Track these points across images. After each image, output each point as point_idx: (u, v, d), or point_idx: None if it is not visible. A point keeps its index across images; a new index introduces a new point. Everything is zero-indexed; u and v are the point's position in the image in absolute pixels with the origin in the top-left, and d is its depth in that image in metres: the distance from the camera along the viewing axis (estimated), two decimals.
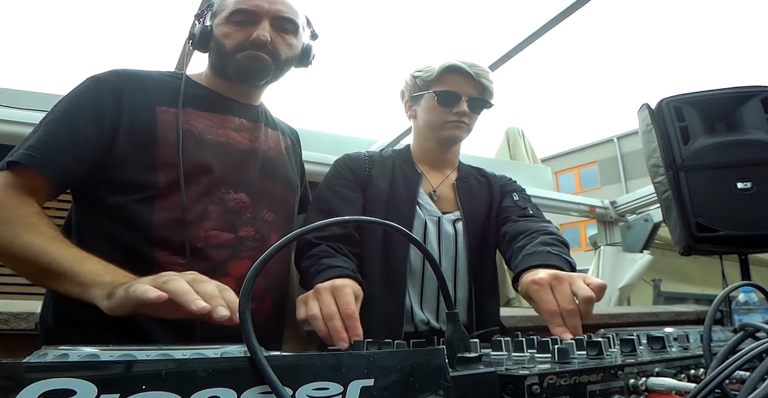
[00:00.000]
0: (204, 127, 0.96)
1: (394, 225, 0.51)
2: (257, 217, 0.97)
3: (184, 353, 0.39)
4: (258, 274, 0.41)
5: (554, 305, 0.72)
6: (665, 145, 1.78)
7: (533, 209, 1.18)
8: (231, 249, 0.92)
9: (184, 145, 0.90)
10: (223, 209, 0.93)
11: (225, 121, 1.00)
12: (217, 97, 1.02)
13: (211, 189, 0.93)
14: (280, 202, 1.04)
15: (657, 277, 3.63)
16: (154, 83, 0.96)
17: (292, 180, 1.11)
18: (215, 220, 0.92)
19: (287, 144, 1.14)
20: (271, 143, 1.07)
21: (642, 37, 20.14)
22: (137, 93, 0.92)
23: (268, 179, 1.02)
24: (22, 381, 0.28)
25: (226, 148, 0.97)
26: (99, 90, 0.91)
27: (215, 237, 0.91)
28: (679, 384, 0.47)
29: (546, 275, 0.75)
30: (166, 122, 0.92)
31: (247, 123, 1.03)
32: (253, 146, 1.02)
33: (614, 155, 14.82)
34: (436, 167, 1.25)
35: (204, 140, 0.94)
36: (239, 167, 0.98)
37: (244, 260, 0.93)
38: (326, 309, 0.76)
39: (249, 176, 0.99)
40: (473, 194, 1.22)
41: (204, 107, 0.98)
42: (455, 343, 0.49)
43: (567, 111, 23.90)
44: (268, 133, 1.08)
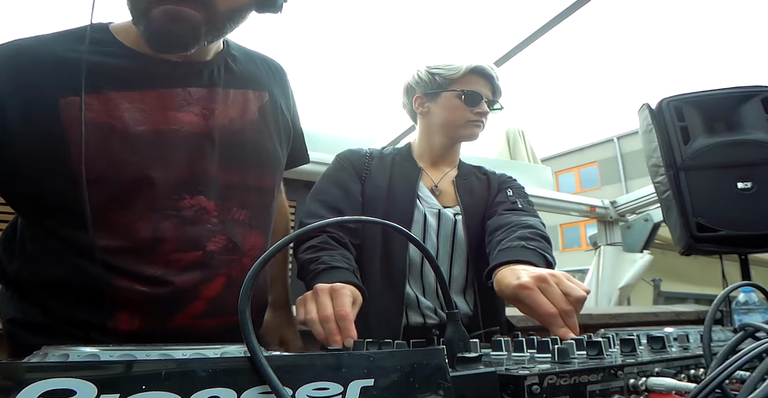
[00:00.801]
0: (133, 115, 0.69)
1: (393, 225, 0.51)
2: (226, 220, 0.77)
3: (184, 353, 0.39)
4: (258, 274, 0.41)
5: (551, 307, 0.72)
6: (665, 145, 1.78)
7: (523, 204, 1.17)
8: (201, 271, 0.75)
9: (106, 145, 0.66)
10: (179, 223, 0.72)
11: (164, 98, 0.72)
12: (149, 65, 0.72)
13: (159, 200, 0.71)
14: (254, 192, 0.82)
15: (657, 277, 3.64)
16: (56, 61, 0.68)
17: (270, 156, 0.85)
18: (173, 240, 0.72)
19: (263, 102, 0.84)
20: (233, 113, 0.79)
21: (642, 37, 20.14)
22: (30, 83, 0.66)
23: (235, 165, 0.78)
24: (22, 381, 0.28)
25: (169, 138, 0.71)
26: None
27: (177, 261, 0.72)
28: (679, 384, 0.47)
29: (530, 279, 0.74)
30: (77, 118, 0.65)
31: (196, 93, 0.75)
32: (207, 125, 0.75)
33: (614, 155, 14.82)
34: (436, 165, 1.26)
35: (135, 133, 0.69)
36: (191, 160, 0.74)
37: (219, 278, 0.77)
38: (322, 312, 0.76)
39: (206, 170, 0.75)
40: (473, 191, 1.23)
41: (131, 84, 0.70)
42: (455, 343, 0.49)
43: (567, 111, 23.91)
44: (229, 98, 0.79)
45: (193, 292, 0.75)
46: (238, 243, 0.79)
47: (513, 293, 0.77)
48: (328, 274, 0.92)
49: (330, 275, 0.91)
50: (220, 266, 0.77)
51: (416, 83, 1.22)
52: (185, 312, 0.75)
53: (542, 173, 3.59)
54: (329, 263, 0.96)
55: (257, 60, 0.89)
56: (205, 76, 0.77)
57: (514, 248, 0.93)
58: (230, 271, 0.79)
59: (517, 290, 0.75)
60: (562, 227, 13.53)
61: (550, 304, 0.72)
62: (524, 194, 1.25)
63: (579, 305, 0.73)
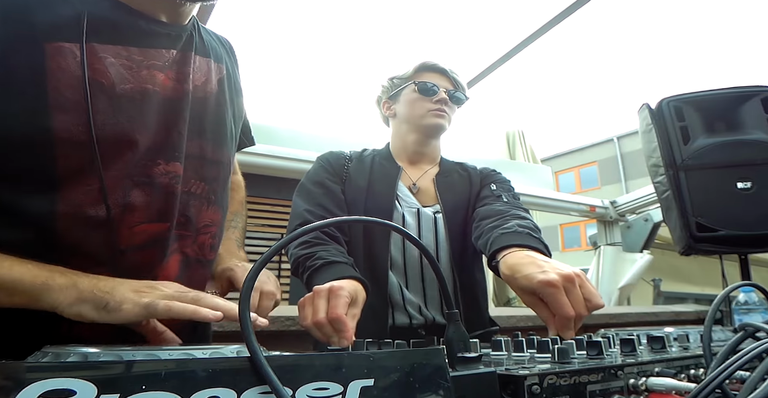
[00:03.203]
0: (119, 69, 0.64)
1: (393, 225, 0.51)
2: (183, 191, 0.72)
3: (170, 353, 0.39)
4: (257, 274, 0.41)
5: (572, 310, 0.71)
6: (665, 145, 1.78)
7: (509, 198, 1.17)
8: (161, 245, 0.69)
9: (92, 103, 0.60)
10: (152, 190, 0.67)
11: (150, 56, 0.68)
12: (139, 20, 0.67)
13: (135, 165, 0.66)
14: (213, 164, 0.77)
15: (657, 277, 3.64)
16: (40, 3, 0.61)
17: (227, 130, 0.81)
18: (142, 208, 0.66)
19: (222, 74, 0.81)
20: (198, 80, 0.75)
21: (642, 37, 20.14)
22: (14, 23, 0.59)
23: (197, 135, 0.74)
24: (22, 381, 0.28)
25: (152, 99, 0.67)
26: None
27: (142, 233, 0.66)
28: (679, 384, 0.47)
29: (558, 276, 0.73)
30: (60, 68, 0.59)
31: (175, 56, 0.71)
32: (182, 88, 0.71)
33: (614, 155, 14.82)
34: (415, 162, 1.27)
35: (121, 88, 0.64)
36: (170, 124, 0.69)
37: (173, 255, 0.71)
38: (315, 317, 0.77)
39: (181, 135, 0.70)
40: (454, 188, 1.22)
41: (118, 38, 0.65)
42: (455, 343, 0.49)
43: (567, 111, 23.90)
44: (197, 64, 0.76)
45: (151, 271, 0.69)
46: (191, 218, 0.73)
47: (534, 287, 0.75)
48: (328, 269, 0.92)
49: (329, 271, 0.91)
50: (176, 241, 0.72)
51: (382, 92, 1.31)
52: None
53: (542, 173, 3.60)
54: (326, 258, 0.96)
55: (212, 33, 0.86)
56: (183, 39, 0.73)
57: (520, 233, 0.92)
58: (183, 248, 0.73)
59: (543, 286, 0.73)
60: (562, 227, 13.53)
61: (571, 307, 0.71)
62: (509, 187, 1.24)
63: (593, 312, 0.74)
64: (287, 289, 3.35)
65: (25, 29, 0.59)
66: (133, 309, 0.55)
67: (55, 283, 0.56)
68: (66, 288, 0.55)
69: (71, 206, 0.61)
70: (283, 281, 3.53)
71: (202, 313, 0.55)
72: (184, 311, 0.54)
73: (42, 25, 0.60)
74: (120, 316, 0.55)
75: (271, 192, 2.54)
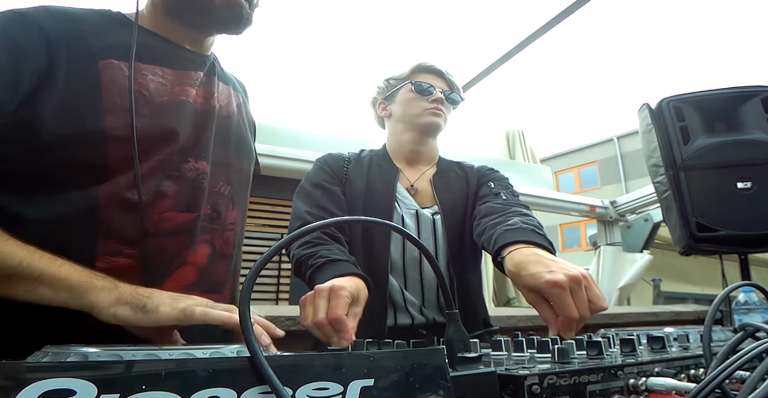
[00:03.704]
0: (157, 85, 0.78)
1: (394, 225, 0.51)
2: (213, 191, 0.83)
3: (170, 353, 0.39)
4: (257, 274, 0.41)
5: (575, 312, 0.70)
6: (665, 145, 1.78)
7: (508, 195, 1.16)
8: (189, 234, 0.78)
9: (136, 109, 0.73)
10: (181, 182, 0.77)
11: (181, 76, 0.82)
12: (171, 47, 0.83)
13: (169, 160, 0.77)
14: (235, 172, 0.89)
15: (657, 277, 3.64)
16: (94, 28, 0.76)
17: (248, 144, 0.96)
18: (172, 197, 0.76)
19: (239, 101, 0.96)
20: (223, 101, 0.90)
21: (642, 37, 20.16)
22: (75, 41, 0.72)
23: (222, 145, 0.87)
24: (22, 381, 0.28)
25: (185, 108, 0.80)
26: (23, 30, 0.69)
27: (171, 220, 0.76)
28: (679, 384, 0.47)
29: (565, 277, 0.72)
30: (112, 81, 0.73)
31: (203, 77, 0.86)
32: (209, 104, 0.85)
33: (614, 155, 14.81)
34: (412, 163, 1.27)
35: (159, 100, 0.77)
36: (199, 130, 0.82)
37: (202, 245, 0.80)
38: (315, 317, 0.77)
39: (209, 141, 0.83)
40: (451, 188, 1.22)
41: (155, 60, 0.79)
42: (455, 343, 0.49)
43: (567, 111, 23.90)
44: (220, 88, 0.90)
45: (180, 257, 0.77)
46: (221, 214, 0.84)
47: (540, 286, 0.74)
48: (330, 267, 0.92)
49: (331, 269, 0.91)
50: (204, 232, 0.80)
51: (377, 93, 1.32)
52: (173, 279, 0.76)
53: (542, 173, 3.60)
54: (328, 256, 0.96)
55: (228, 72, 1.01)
56: (207, 66, 0.88)
57: (524, 229, 0.91)
58: (213, 240, 0.82)
59: (549, 286, 0.72)
60: (562, 227, 13.52)
61: (575, 308, 0.71)
62: (507, 184, 1.23)
63: (594, 313, 0.74)
64: (287, 289, 3.34)
65: (83, 50, 0.73)
66: (171, 311, 0.59)
67: (99, 284, 0.60)
68: (108, 290, 0.60)
69: (112, 189, 0.71)
70: (283, 281, 3.54)
71: (234, 320, 0.58)
72: (219, 317, 0.58)
73: (96, 47, 0.74)
74: (156, 317, 0.59)
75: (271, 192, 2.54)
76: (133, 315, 0.59)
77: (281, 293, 3.49)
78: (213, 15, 0.81)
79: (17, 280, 0.59)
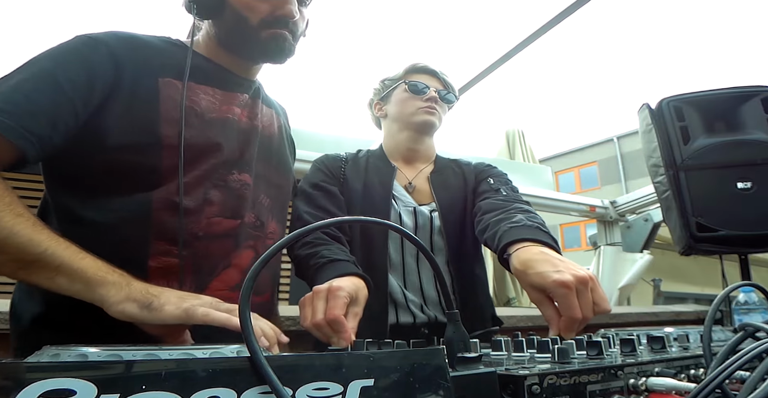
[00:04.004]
0: (208, 102, 0.87)
1: (393, 225, 0.51)
2: (256, 201, 0.91)
3: (171, 353, 0.39)
4: (258, 274, 0.41)
5: (579, 313, 0.71)
6: (665, 145, 1.78)
7: (507, 191, 1.16)
8: (234, 239, 0.85)
9: (188, 122, 0.81)
10: (226, 192, 0.85)
11: (228, 97, 0.91)
12: (221, 71, 0.92)
13: (215, 170, 0.84)
14: (275, 187, 0.97)
15: (657, 277, 3.63)
16: (155, 50, 0.85)
17: (288, 163, 1.05)
18: (218, 204, 0.84)
19: (280, 124, 1.06)
20: (266, 122, 0.99)
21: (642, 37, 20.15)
22: (138, 61, 0.81)
23: (264, 161, 0.95)
24: (22, 381, 0.28)
25: (231, 125, 0.89)
26: (94, 51, 0.77)
27: (217, 225, 0.83)
28: (679, 384, 0.47)
29: (572, 278, 0.72)
30: (170, 96, 0.81)
31: (248, 99, 0.95)
32: (252, 124, 0.94)
33: (614, 155, 14.81)
34: (409, 161, 1.27)
35: (209, 116, 0.86)
36: (243, 146, 0.90)
37: (247, 250, 0.87)
38: (313, 318, 0.78)
39: (252, 156, 0.92)
40: (449, 185, 1.22)
41: (207, 81, 0.89)
42: (455, 343, 0.49)
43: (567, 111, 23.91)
44: (263, 110, 1.00)
45: (226, 260, 0.83)
46: (264, 223, 0.91)
47: (547, 286, 0.74)
48: (330, 267, 0.92)
49: (331, 268, 0.92)
50: (248, 238, 0.87)
51: (374, 95, 1.34)
52: (220, 279, 0.81)
53: (542, 173, 3.60)
54: (329, 256, 0.96)
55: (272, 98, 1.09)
56: (252, 89, 0.97)
57: (530, 226, 0.91)
58: (257, 246, 0.89)
59: (557, 286, 0.72)
60: (562, 227, 13.52)
61: (579, 310, 0.71)
62: (506, 180, 1.23)
63: (599, 315, 0.74)
64: (287, 289, 3.35)
65: (146, 68, 0.81)
66: (174, 311, 0.60)
67: (113, 279, 0.63)
68: (120, 286, 0.62)
69: (164, 194, 0.78)
70: (283, 281, 3.53)
71: (233, 322, 0.59)
72: (219, 318, 0.60)
73: (156, 66, 0.83)
74: (161, 316, 0.60)
75: None
76: (139, 313, 0.60)
77: (281, 294, 3.49)
78: (258, 47, 0.88)
79: (39, 267, 0.61)
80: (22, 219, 0.62)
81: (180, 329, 0.66)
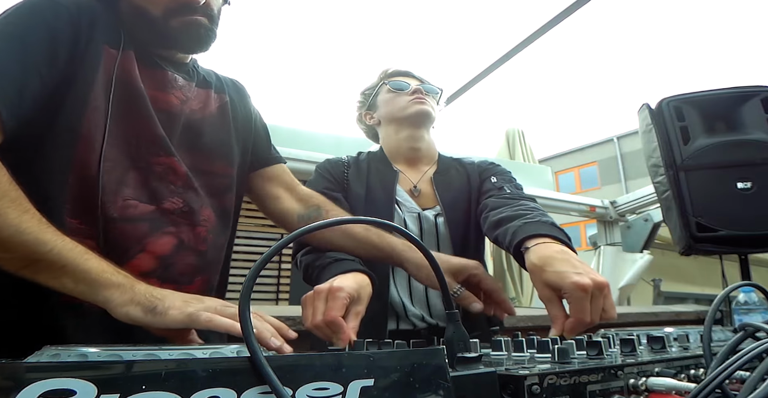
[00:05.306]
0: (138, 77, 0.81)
1: (395, 226, 0.51)
2: (188, 188, 0.85)
3: (170, 353, 0.39)
4: (257, 274, 0.41)
5: (589, 317, 0.72)
6: (665, 145, 1.78)
7: (511, 188, 1.16)
8: (150, 223, 0.80)
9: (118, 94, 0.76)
10: (146, 175, 0.80)
11: (161, 76, 0.85)
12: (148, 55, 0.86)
13: (138, 150, 0.79)
14: (207, 173, 0.90)
15: (657, 277, 3.64)
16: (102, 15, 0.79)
17: (227, 147, 0.95)
18: (134, 187, 0.79)
19: (222, 102, 0.97)
20: (195, 105, 0.91)
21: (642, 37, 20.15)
22: (93, 29, 0.77)
23: (190, 146, 0.88)
24: (22, 381, 0.28)
25: (161, 105, 0.83)
26: (56, 15, 0.74)
27: (132, 208, 0.78)
28: (679, 384, 0.47)
29: (591, 282, 0.72)
30: (108, 65, 0.77)
31: (180, 81, 0.88)
32: (182, 108, 0.88)
33: (614, 155, 14.81)
34: (412, 164, 1.26)
35: (139, 91, 0.80)
36: (171, 128, 0.84)
37: (166, 236, 0.81)
38: (313, 320, 0.78)
39: (179, 140, 0.86)
40: (452, 185, 1.21)
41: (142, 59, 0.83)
42: (455, 343, 0.49)
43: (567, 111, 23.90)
44: (195, 92, 0.92)
45: (140, 244, 0.78)
46: (194, 210, 0.85)
47: (565, 286, 0.74)
48: (334, 266, 0.92)
49: (336, 266, 0.92)
50: (169, 225, 0.82)
51: (358, 108, 1.35)
52: (132, 265, 0.76)
53: (542, 173, 3.60)
54: (333, 257, 0.96)
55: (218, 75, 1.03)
56: (184, 72, 0.91)
57: (546, 223, 0.91)
58: (180, 234, 0.83)
59: (575, 288, 0.73)
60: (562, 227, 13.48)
61: (590, 314, 0.72)
62: (510, 178, 1.22)
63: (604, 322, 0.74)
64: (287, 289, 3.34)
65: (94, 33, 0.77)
66: (178, 315, 0.60)
67: (117, 281, 0.62)
68: (123, 288, 0.61)
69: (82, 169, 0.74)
70: (283, 281, 3.53)
71: (237, 328, 0.58)
72: (222, 324, 0.59)
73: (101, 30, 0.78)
74: (164, 320, 0.60)
75: None
76: (144, 316, 0.60)
77: (281, 294, 3.49)
78: (169, 38, 0.82)
79: (44, 266, 0.61)
80: (28, 216, 0.61)
81: (186, 330, 0.66)
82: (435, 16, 4.50)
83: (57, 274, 0.61)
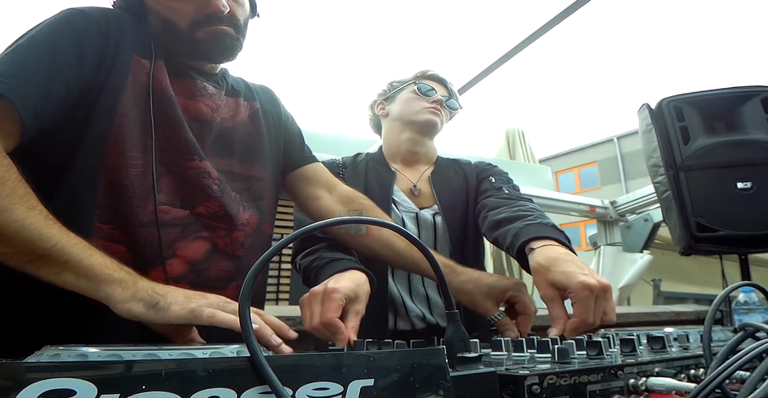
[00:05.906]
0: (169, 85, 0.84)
1: (394, 225, 0.51)
2: (225, 191, 0.86)
3: (171, 353, 0.39)
4: (258, 274, 0.41)
5: (591, 318, 0.73)
6: (665, 145, 1.78)
7: (509, 189, 1.17)
8: (182, 228, 0.80)
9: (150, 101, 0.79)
10: (180, 180, 0.81)
11: (191, 84, 0.87)
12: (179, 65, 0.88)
13: (171, 155, 0.81)
14: (242, 178, 0.92)
15: (657, 277, 3.64)
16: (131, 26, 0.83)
17: (261, 151, 0.97)
18: (167, 193, 0.79)
19: (253, 109, 0.99)
20: (225, 114, 0.93)
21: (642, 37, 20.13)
22: (121, 39, 0.79)
23: (224, 152, 0.90)
24: (22, 381, 0.28)
25: (191, 113, 0.85)
26: (85, 26, 0.76)
27: (164, 213, 0.79)
28: (679, 384, 0.47)
29: (598, 284, 0.74)
30: (137, 73, 0.79)
31: (210, 89, 0.90)
32: (213, 116, 0.89)
33: (614, 155, 14.81)
34: (410, 164, 1.27)
35: (170, 99, 0.82)
36: (203, 134, 0.86)
37: (198, 241, 0.81)
38: (311, 323, 0.79)
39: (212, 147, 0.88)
40: (450, 185, 1.22)
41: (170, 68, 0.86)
42: (455, 343, 0.49)
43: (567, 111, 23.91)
44: (225, 101, 0.94)
45: (171, 249, 0.78)
46: (232, 214, 0.85)
47: (571, 285, 0.75)
48: (331, 265, 0.93)
49: (332, 266, 0.92)
50: (202, 229, 0.82)
51: (378, 96, 1.34)
52: (160, 270, 0.77)
53: (542, 173, 3.60)
54: (330, 256, 0.96)
55: (246, 82, 1.05)
56: (214, 81, 0.93)
57: (546, 225, 0.92)
58: (215, 238, 0.84)
59: (581, 288, 0.74)
60: (562, 227, 13.48)
61: (593, 314, 0.73)
62: (508, 179, 1.23)
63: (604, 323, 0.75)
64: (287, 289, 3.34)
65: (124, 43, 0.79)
66: (180, 311, 0.60)
67: (119, 277, 0.62)
68: (126, 285, 0.61)
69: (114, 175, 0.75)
70: (283, 281, 3.53)
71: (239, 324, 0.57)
72: (224, 319, 0.58)
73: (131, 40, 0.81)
74: (166, 316, 0.60)
75: None
76: (146, 312, 0.60)
77: (281, 294, 3.49)
78: (196, 48, 0.84)
79: (46, 262, 0.61)
80: (34, 212, 0.61)
81: (187, 327, 0.66)
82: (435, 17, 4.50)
83: (59, 270, 0.61)
